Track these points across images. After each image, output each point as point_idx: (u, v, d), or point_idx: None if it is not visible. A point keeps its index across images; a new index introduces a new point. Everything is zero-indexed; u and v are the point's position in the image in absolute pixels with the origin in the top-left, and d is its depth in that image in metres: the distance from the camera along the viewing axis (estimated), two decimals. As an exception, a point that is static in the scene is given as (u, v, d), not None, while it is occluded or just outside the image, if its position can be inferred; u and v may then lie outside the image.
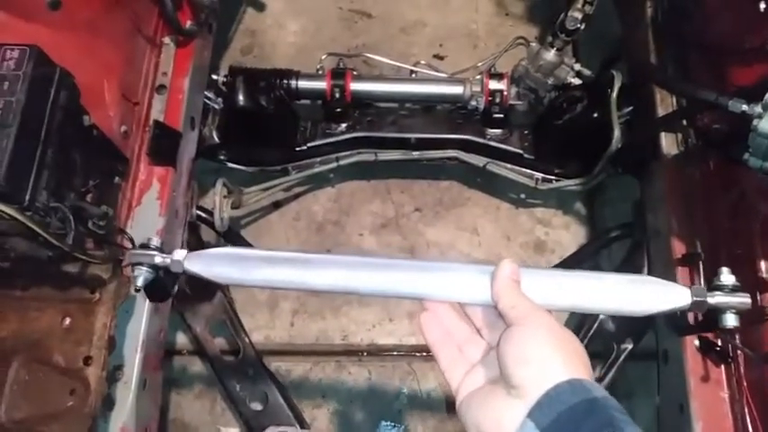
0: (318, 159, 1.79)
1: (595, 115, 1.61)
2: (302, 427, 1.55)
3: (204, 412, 1.83)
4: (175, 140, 1.47)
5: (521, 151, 1.75)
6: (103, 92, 1.30)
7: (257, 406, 1.56)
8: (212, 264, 0.76)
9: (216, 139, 1.71)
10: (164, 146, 1.44)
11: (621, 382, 1.77)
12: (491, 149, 1.75)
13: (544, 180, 1.77)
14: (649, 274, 1.52)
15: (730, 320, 0.77)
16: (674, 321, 1.33)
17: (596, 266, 1.89)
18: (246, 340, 1.61)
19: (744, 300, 0.76)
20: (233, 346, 1.68)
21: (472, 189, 2.02)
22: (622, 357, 1.57)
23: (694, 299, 0.72)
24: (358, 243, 1.97)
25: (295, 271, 0.75)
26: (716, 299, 0.74)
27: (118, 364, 1.27)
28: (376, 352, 1.88)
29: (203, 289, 1.60)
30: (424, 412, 1.82)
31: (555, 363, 0.58)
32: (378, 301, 1.92)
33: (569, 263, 1.74)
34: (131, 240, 1.32)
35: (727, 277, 0.77)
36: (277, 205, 2.01)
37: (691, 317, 1.26)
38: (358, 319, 1.91)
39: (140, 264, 0.80)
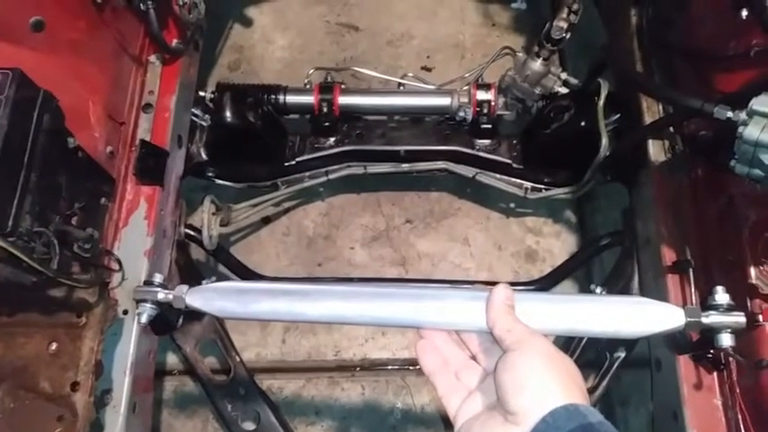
0: (308, 174, 1.78)
1: (583, 124, 1.61)
2: (296, 445, 1.53)
3: (196, 431, 1.81)
4: (162, 159, 1.46)
5: (509, 161, 1.74)
6: (89, 113, 1.29)
7: (249, 426, 1.54)
8: (213, 298, 0.79)
9: (204, 156, 1.70)
10: (151, 165, 1.43)
11: (615, 390, 1.77)
12: (480, 160, 1.75)
13: (533, 189, 1.76)
14: (640, 281, 1.52)
15: (725, 341, 0.78)
16: (671, 339, 1.33)
17: (588, 274, 1.89)
18: (237, 359, 1.60)
19: (738, 319, 0.76)
20: (224, 366, 1.66)
21: (462, 200, 2.02)
22: (615, 366, 1.56)
23: (688, 320, 0.72)
24: (349, 257, 1.96)
25: (293, 303, 0.76)
26: (710, 318, 0.74)
27: (106, 388, 1.25)
28: (369, 367, 1.87)
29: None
30: (418, 427, 1.81)
31: (551, 389, 0.59)
32: (370, 315, 1.90)
33: (560, 272, 1.73)
34: (119, 262, 1.31)
35: (721, 296, 0.77)
36: (267, 221, 2.00)
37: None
38: (350, 334, 1.90)
39: (144, 300, 0.84)
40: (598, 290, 1.58)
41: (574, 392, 0.59)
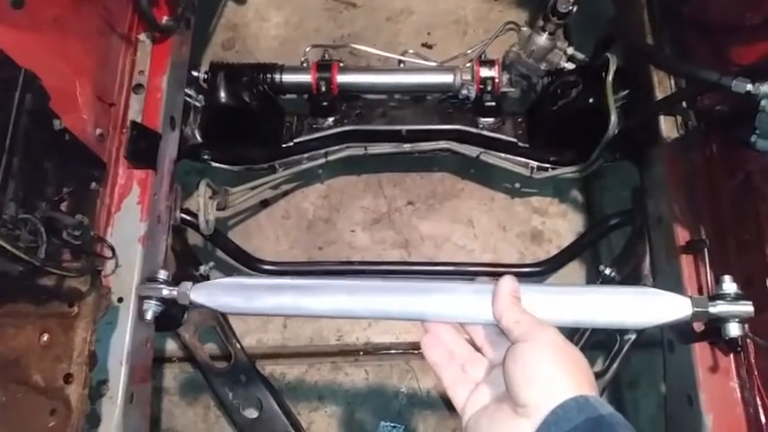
0: (306, 155, 1.73)
1: (591, 100, 1.55)
2: (299, 433, 1.50)
3: (198, 420, 1.78)
4: (155, 142, 1.41)
5: (515, 140, 1.69)
6: (75, 94, 1.23)
7: (252, 413, 1.51)
8: (217, 294, 0.80)
9: (198, 138, 1.64)
10: (143, 148, 1.37)
11: (625, 372, 1.73)
12: (484, 139, 1.69)
13: (539, 168, 1.72)
14: (651, 262, 1.48)
15: (733, 330, 0.80)
16: (678, 328, 1.30)
17: (595, 255, 1.84)
18: (238, 346, 1.56)
19: (746, 308, 0.75)
20: (224, 352, 1.62)
21: (466, 180, 1.97)
22: (626, 348, 1.52)
23: (695, 309, 0.72)
24: (350, 240, 1.91)
25: (298, 298, 0.77)
26: (718, 308, 0.74)
27: (102, 379, 1.21)
28: (372, 351, 1.84)
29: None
30: (424, 411, 1.78)
31: (561, 380, 0.59)
32: (373, 299, 1.86)
33: (567, 253, 1.69)
34: (112, 249, 1.26)
35: (728, 285, 0.78)
36: (265, 204, 1.95)
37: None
38: (353, 318, 1.86)
39: (149, 297, 0.86)
40: (607, 270, 1.56)
41: (583, 384, 0.59)
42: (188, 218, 1.55)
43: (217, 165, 1.71)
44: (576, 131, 1.62)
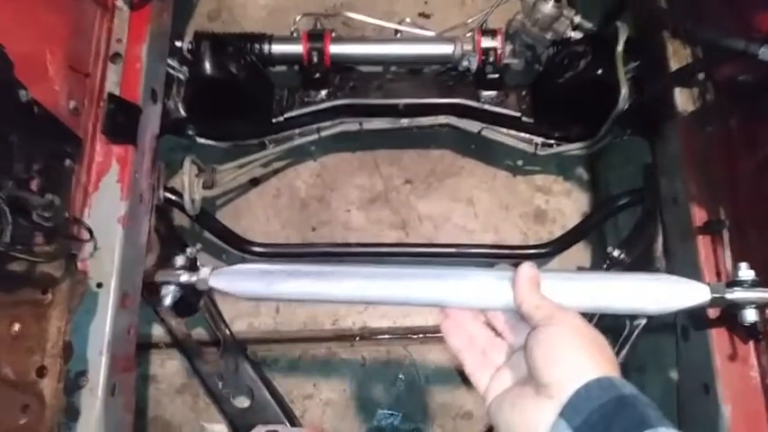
0: (297, 131, 1.63)
1: (600, 72, 1.47)
2: (292, 423, 1.43)
3: (186, 408, 1.70)
4: (134, 115, 1.31)
5: (518, 114, 1.60)
6: (45, 62, 1.13)
7: (242, 403, 1.44)
8: (236, 280, 0.80)
9: (182, 112, 1.54)
10: (121, 122, 1.27)
11: (632, 356, 1.66)
12: (486, 113, 1.61)
13: (544, 145, 1.64)
14: (665, 244, 1.40)
15: (750, 316, 0.79)
16: (693, 314, 1.24)
17: (601, 237, 1.77)
18: (227, 332, 1.48)
19: (763, 294, 0.76)
20: (213, 337, 1.55)
21: (466, 157, 1.88)
22: (635, 334, 1.45)
23: (713, 295, 0.73)
24: (345, 220, 1.83)
25: (317, 283, 0.77)
26: (735, 294, 0.75)
27: (81, 370, 1.13)
28: (369, 336, 1.76)
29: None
30: (423, 398, 1.71)
31: (584, 362, 0.59)
32: (369, 282, 1.79)
33: (573, 234, 1.62)
34: (89, 231, 1.18)
35: (745, 272, 0.78)
36: (255, 182, 1.86)
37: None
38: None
39: (168, 283, 0.85)
40: (615, 252, 1.49)
41: (606, 366, 0.59)
42: (173, 197, 1.46)
43: (203, 141, 1.61)
44: (584, 105, 1.53)
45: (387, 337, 1.76)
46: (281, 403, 1.46)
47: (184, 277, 0.84)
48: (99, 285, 1.18)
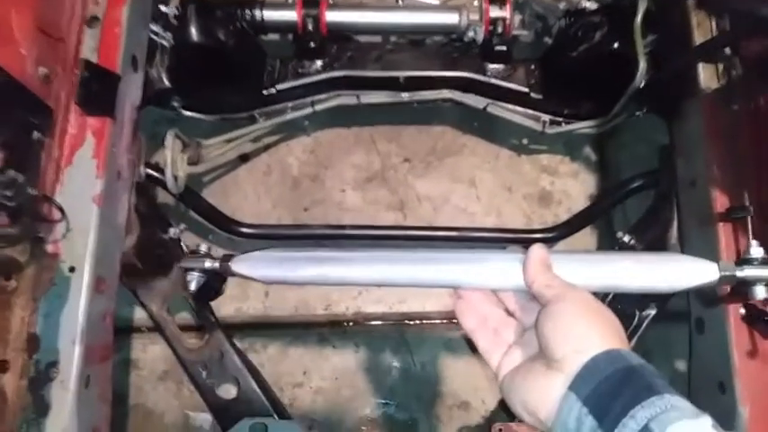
0: (290, 104, 1.54)
1: (616, 45, 1.37)
2: (281, 415, 1.35)
3: (170, 396, 1.63)
4: (112, 84, 1.20)
5: (526, 90, 1.51)
6: (10, 24, 1.02)
7: (227, 394, 1.35)
8: (258, 266, 0.84)
9: (166, 82, 1.43)
10: (98, 91, 1.16)
11: (637, 344, 1.60)
12: (492, 88, 1.51)
13: (552, 123, 1.56)
14: (680, 229, 1.31)
15: (760, 293, 0.79)
16: (702, 294, 1.20)
17: (608, 221, 1.68)
18: (212, 319, 1.39)
19: None
20: (197, 324, 1.45)
21: (468, 135, 1.78)
22: (645, 324, 1.38)
23: (722, 273, 0.73)
24: (340, 200, 1.73)
25: (337, 268, 0.81)
26: (745, 272, 0.76)
27: (51, 361, 1.03)
28: (363, 322, 1.68)
29: (158, 261, 1.36)
30: (419, 387, 1.64)
31: (593, 336, 0.61)
32: (364, 266, 1.70)
33: (582, 218, 1.53)
34: (60, 210, 1.08)
35: (756, 250, 0.80)
36: (244, 158, 1.75)
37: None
38: (342, 286, 1.69)
39: (192, 269, 0.90)
40: (626, 238, 1.40)
41: (615, 340, 0.61)
42: (155, 174, 1.36)
43: (188, 113, 1.51)
44: (597, 81, 1.45)
45: (381, 323, 1.68)
46: (269, 394, 1.37)
47: (208, 263, 0.89)
48: (72, 269, 1.08)
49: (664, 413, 0.53)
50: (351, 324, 1.68)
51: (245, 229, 1.48)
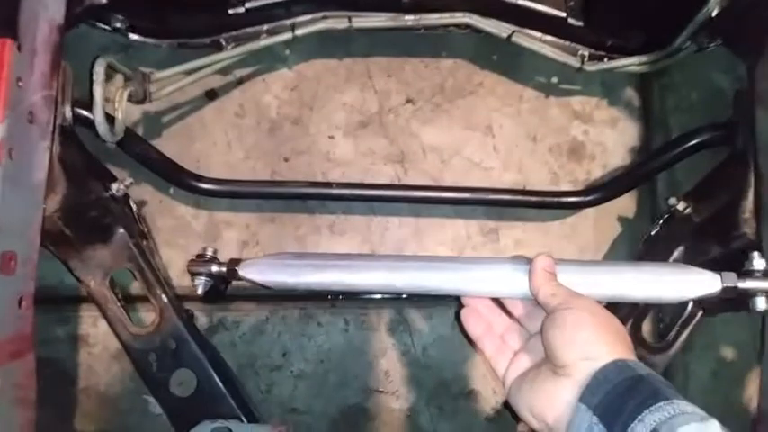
0: (265, 27, 1.26)
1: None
2: (249, 417, 1.11)
3: (125, 377, 1.40)
4: (13, -5, 0.90)
5: (563, 14, 1.23)
6: None
7: (184, 390, 1.10)
8: (267, 271, 0.84)
9: (102, -5, 1.12)
10: (-9, 4, 0.87)
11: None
12: (519, 12, 1.22)
13: (592, 57, 1.28)
14: (757, 199, 1.04)
15: (760, 304, 0.80)
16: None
17: (651, 183, 1.40)
18: (164, 299, 1.12)
19: None
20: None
21: (486, 71, 1.48)
22: (697, 318, 1.15)
23: (725, 285, 0.75)
24: (327, 149, 1.44)
25: (342, 274, 0.82)
26: (746, 284, 0.77)
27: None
28: (354, 296, 1.43)
29: (94, 226, 1.09)
30: (419, 373, 1.41)
31: (599, 343, 0.61)
32: (355, 228, 1.43)
33: (627, 178, 1.26)
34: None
35: (758, 262, 0.80)
36: (212, 96, 1.45)
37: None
38: (330, 250, 1.43)
39: (199, 273, 0.89)
40: (680, 206, 1.14)
41: (620, 348, 0.62)
42: (87, 114, 1.06)
43: (135, 37, 1.21)
44: (655, 5, 1.16)
45: (376, 297, 1.43)
46: (235, 390, 1.13)
47: (215, 268, 0.88)
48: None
49: (672, 417, 0.53)
50: (340, 297, 1.43)
51: (204, 185, 1.21)
